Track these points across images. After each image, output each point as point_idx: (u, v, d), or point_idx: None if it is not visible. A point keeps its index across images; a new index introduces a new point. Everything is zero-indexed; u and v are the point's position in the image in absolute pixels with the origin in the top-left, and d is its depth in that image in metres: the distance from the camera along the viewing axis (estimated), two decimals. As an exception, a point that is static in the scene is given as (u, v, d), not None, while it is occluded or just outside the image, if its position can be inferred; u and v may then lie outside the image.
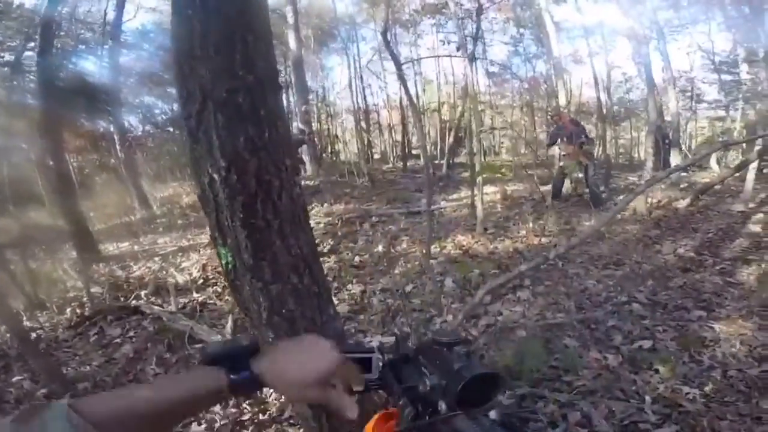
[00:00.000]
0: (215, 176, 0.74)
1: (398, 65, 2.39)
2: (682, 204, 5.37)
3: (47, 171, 5.88)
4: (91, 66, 8.42)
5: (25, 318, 3.51)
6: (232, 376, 0.49)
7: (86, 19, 8.07)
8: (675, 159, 8.63)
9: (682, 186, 6.78)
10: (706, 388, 1.86)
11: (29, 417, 0.41)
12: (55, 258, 5.17)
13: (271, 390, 0.51)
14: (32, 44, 6.43)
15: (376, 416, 0.71)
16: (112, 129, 8.66)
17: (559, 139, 6.16)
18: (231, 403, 2.18)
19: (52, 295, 4.14)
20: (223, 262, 0.84)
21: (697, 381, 1.93)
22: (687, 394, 1.83)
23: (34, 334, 3.16)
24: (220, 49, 0.73)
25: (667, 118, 9.84)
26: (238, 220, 0.76)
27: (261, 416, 2.05)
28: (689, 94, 12.42)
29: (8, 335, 3.10)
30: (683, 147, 9.37)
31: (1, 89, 6.46)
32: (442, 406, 0.53)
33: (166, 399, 0.47)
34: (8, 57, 6.92)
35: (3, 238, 4.26)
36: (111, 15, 7.99)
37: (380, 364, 0.66)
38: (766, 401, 1.71)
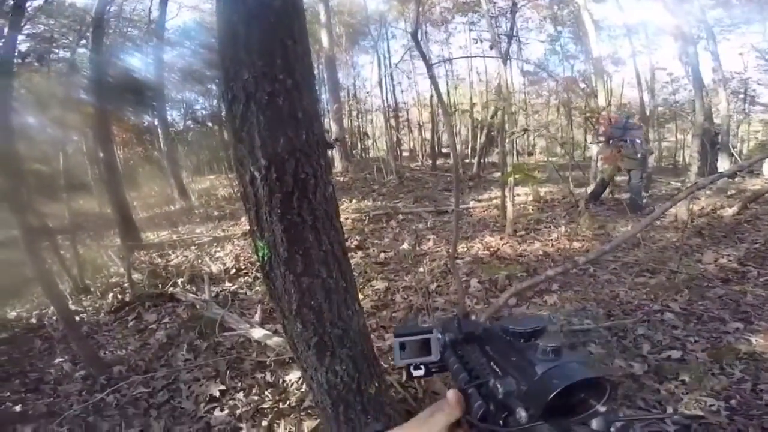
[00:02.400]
0: (256, 174, 0.80)
1: (428, 66, 2.40)
2: (729, 212, 5.07)
3: (96, 162, 6.28)
4: (137, 63, 8.89)
5: (70, 301, 3.78)
6: None
7: (132, 18, 8.51)
8: (723, 164, 8.14)
9: (730, 193, 6.39)
10: (733, 401, 1.80)
11: None
12: (101, 244, 5.53)
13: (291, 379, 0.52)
14: (83, 41, 6.84)
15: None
16: (156, 123, 9.12)
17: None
18: (253, 390, 2.28)
19: (97, 280, 4.43)
20: (260, 254, 0.90)
21: (724, 393, 1.87)
22: (711, 406, 1.77)
23: (77, 318, 3.39)
24: (262, 54, 0.78)
25: (717, 120, 9.29)
26: (276, 216, 0.82)
27: (281, 405, 2.13)
28: (742, 95, 11.66)
29: (55, 318, 3.36)
30: (733, 151, 8.79)
31: (56, 84, 6.92)
32: (521, 414, 0.42)
33: None
34: (62, 53, 7.40)
35: (55, 224, 4.60)
36: (155, 13, 8.40)
37: (440, 344, 0.60)
38: (794, 416, 1.63)
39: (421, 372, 0.61)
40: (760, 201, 5.40)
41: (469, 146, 11.46)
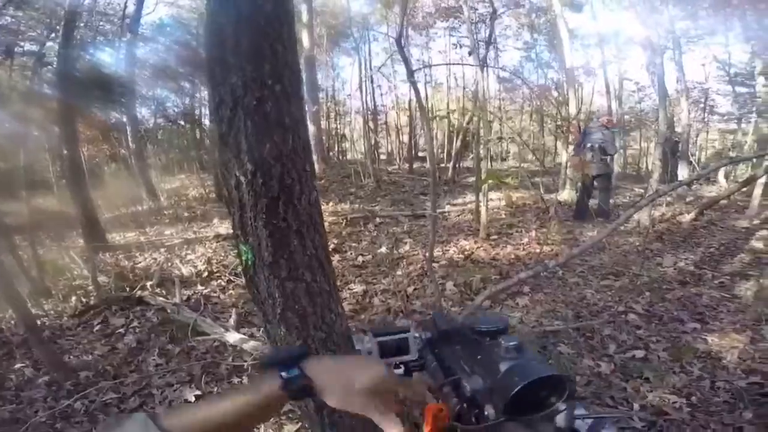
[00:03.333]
0: (242, 179, 0.80)
1: (410, 72, 2.43)
2: (687, 218, 5.39)
3: (59, 159, 5.97)
4: (109, 58, 8.55)
5: (30, 305, 3.56)
6: (283, 374, 0.51)
7: (106, 12, 8.19)
8: (682, 171, 8.62)
9: (688, 199, 6.78)
10: (693, 398, 1.93)
11: (110, 428, 0.45)
12: (63, 245, 5.26)
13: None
14: (53, 35, 6.52)
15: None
16: (124, 120, 8.78)
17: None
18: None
19: (58, 283, 4.21)
20: (243, 258, 0.90)
21: (685, 391, 1.99)
22: (674, 402, 1.89)
23: (38, 322, 3.21)
24: (251, 58, 0.78)
25: (678, 129, 9.82)
26: (261, 221, 0.82)
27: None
28: (702, 105, 12.34)
29: (13, 322, 3.17)
30: (692, 159, 9.31)
31: (21, 78, 6.56)
32: (489, 410, 0.44)
33: (233, 409, 0.50)
34: (29, 47, 7.03)
35: (13, 223, 4.33)
36: (131, 8, 8.10)
37: (417, 343, 0.61)
38: (750, 412, 1.77)
39: (400, 371, 0.62)
40: (714, 207, 5.77)
41: (445, 151, 11.63)
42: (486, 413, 0.45)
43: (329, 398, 0.52)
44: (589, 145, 5.52)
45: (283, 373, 0.51)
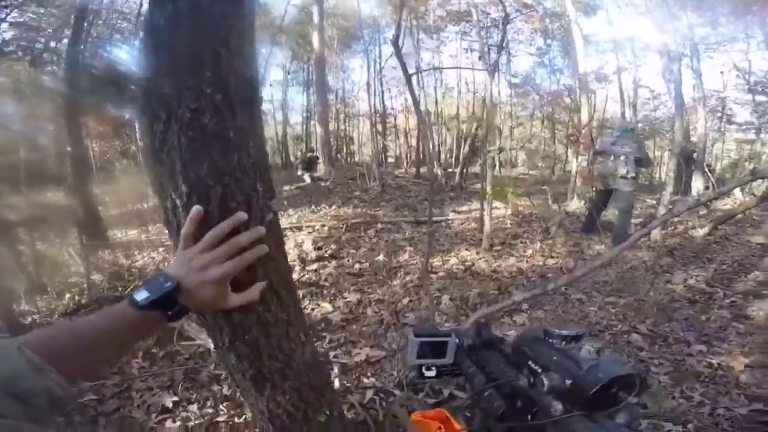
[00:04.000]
0: (177, 202, 0.71)
1: (407, 74, 2.35)
2: (700, 233, 5.18)
3: (67, 154, 6.01)
4: (123, 55, 8.62)
5: (23, 301, 3.54)
6: (136, 297, 0.63)
7: (122, 9, 8.30)
8: (697, 183, 8.36)
9: (701, 213, 6.55)
10: (690, 425, 1.79)
11: None
12: (63, 241, 5.26)
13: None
14: (70, 31, 6.60)
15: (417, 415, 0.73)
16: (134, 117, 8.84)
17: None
18: (208, 402, 2.17)
19: (54, 280, 4.19)
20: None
21: (682, 417, 1.86)
22: (669, 430, 1.76)
23: (29, 318, 3.19)
24: (187, 65, 0.70)
25: (693, 138, 9.54)
26: (200, 249, 0.73)
27: (236, 419, 2.03)
28: (719, 114, 11.99)
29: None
30: (707, 170, 9.01)
31: (36, 74, 6.63)
32: (557, 406, 0.48)
33: (106, 326, 0.58)
34: (50, 44, 7.11)
35: (13, 217, 4.33)
36: (147, 6, 8.16)
37: (455, 349, 0.65)
38: (746, 442, 1.64)
39: (432, 373, 0.66)
40: (729, 222, 5.55)
41: (453, 155, 11.49)
42: (551, 409, 0.48)
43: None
44: (622, 157, 4.89)
45: (137, 296, 0.62)
